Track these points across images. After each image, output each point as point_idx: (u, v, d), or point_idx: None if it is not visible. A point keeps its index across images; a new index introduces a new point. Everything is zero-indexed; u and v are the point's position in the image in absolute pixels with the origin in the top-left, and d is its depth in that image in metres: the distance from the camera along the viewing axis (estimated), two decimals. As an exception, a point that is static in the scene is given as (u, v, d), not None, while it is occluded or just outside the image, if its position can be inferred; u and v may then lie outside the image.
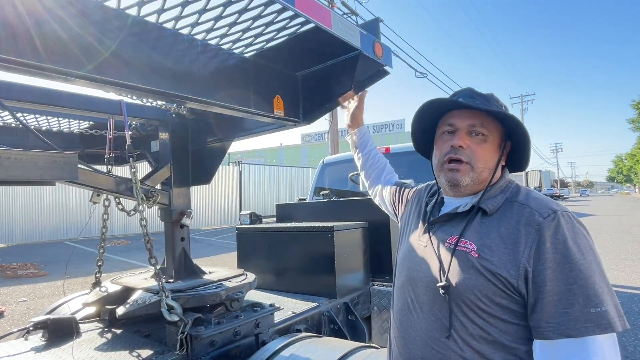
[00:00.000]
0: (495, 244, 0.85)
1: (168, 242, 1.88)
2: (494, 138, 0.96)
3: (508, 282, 0.82)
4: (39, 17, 1.01)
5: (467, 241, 0.89)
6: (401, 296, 1.01)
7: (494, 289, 0.83)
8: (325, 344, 1.55)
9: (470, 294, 0.85)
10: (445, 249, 0.92)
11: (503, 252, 0.83)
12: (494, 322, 0.84)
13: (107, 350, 1.51)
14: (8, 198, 12.09)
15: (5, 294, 6.09)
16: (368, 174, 1.57)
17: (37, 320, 1.61)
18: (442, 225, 0.98)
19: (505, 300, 0.83)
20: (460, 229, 0.92)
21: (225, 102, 1.47)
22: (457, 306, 0.87)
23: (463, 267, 0.87)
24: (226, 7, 1.14)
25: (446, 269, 0.89)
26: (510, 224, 0.86)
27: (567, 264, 0.78)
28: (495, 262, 0.83)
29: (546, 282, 0.79)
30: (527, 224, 0.84)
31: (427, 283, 0.94)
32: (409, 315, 0.97)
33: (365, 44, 1.46)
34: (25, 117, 1.87)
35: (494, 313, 0.83)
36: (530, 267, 0.80)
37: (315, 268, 2.42)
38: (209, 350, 1.50)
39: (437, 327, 0.89)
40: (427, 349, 0.90)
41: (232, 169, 18.73)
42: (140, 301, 1.62)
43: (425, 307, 0.93)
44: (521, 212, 0.87)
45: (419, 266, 0.97)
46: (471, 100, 0.95)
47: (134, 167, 1.63)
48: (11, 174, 1.09)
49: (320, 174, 4.98)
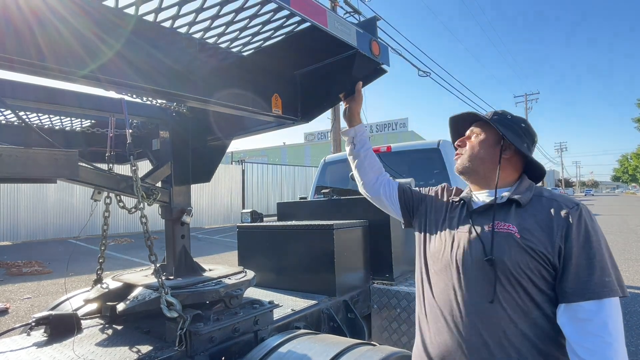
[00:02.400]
0: (533, 228, 1.06)
1: (168, 239, 1.90)
2: (488, 135, 1.23)
3: (546, 257, 1.02)
4: (39, 17, 1.03)
5: (509, 224, 1.09)
6: (443, 278, 1.18)
7: (534, 262, 1.03)
8: (323, 340, 1.56)
9: (515, 266, 1.04)
10: (487, 232, 1.11)
11: (540, 234, 1.05)
12: (530, 289, 1.03)
13: (108, 346, 1.53)
14: (13, 196, 12.20)
15: (10, 291, 6.15)
16: (365, 172, 1.56)
17: (39, 316, 1.63)
18: (479, 215, 1.17)
19: (541, 272, 1.03)
20: (500, 216, 1.12)
21: (224, 101, 1.48)
22: (503, 276, 1.05)
23: (508, 245, 1.06)
24: (222, 6, 1.15)
25: (493, 246, 1.07)
26: (543, 213, 1.08)
27: (588, 243, 1.01)
28: (535, 242, 1.04)
29: (572, 257, 1.00)
30: (558, 213, 1.06)
31: (475, 261, 1.10)
32: (454, 293, 1.13)
33: (362, 43, 1.47)
34: (28, 116, 1.89)
35: (532, 281, 1.03)
36: (563, 245, 1.02)
37: (315, 266, 2.43)
38: (208, 346, 1.52)
39: (484, 295, 1.06)
40: (474, 315, 1.08)
41: (235, 168, 18.79)
42: (140, 298, 1.64)
43: (472, 281, 1.10)
44: (551, 205, 1.09)
45: (466, 249, 1.13)
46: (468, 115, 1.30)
47: (135, 165, 1.65)
48: (13, 171, 1.11)
49: (321, 172, 4.98)
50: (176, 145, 1.97)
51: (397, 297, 2.55)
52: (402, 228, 2.96)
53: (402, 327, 2.51)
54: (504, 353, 1.03)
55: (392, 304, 2.56)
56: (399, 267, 2.78)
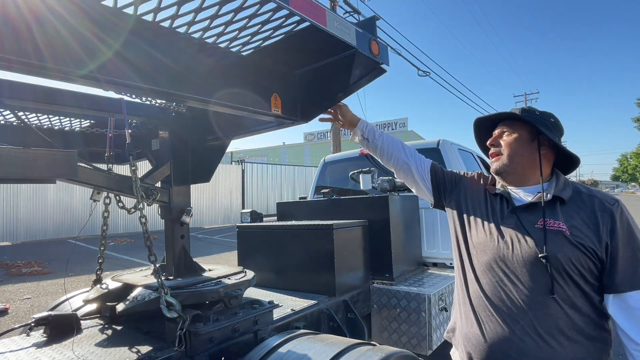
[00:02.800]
0: (580, 224, 1.12)
1: (168, 239, 1.90)
2: (522, 133, 1.25)
3: (594, 252, 1.09)
4: (38, 17, 1.02)
5: (559, 222, 1.13)
6: (490, 272, 1.21)
7: (584, 257, 1.09)
8: (323, 340, 1.56)
9: (567, 261, 1.09)
10: (537, 229, 1.15)
11: (587, 230, 1.11)
12: (580, 282, 1.10)
13: (107, 346, 1.53)
14: (12, 197, 12.19)
15: (9, 291, 6.14)
16: (391, 153, 1.55)
17: (39, 317, 1.63)
18: (523, 211, 1.20)
19: (589, 266, 1.10)
20: (548, 214, 1.16)
21: (223, 101, 1.48)
22: (556, 272, 1.10)
23: (560, 242, 1.11)
24: (222, 5, 1.15)
25: (545, 244, 1.11)
26: (587, 210, 1.14)
27: (632, 237, 1.10)
28: (584, 238, 1.10)
29: (619, 251, 1.08)
30: (602, 210, 1.13)
31: (526, 257, 1.14)
32: (504, 287, 1.17)
33: (361, 42, 1.46)
34: (27, 116, 1.89)
35: (582, 275, 1.10)
36: (609, 240, 1.09)
37: (314, 266, 2.43)
38: (208, 346, 1.52)
39: (540, 291, 1.11)
40: (530, 311, 1.12)
41: (235, 168, 18.77)
42: (139, 298, 1.64)
43: (524, 277, 1.14)
44: (592, 201, 1.15)
45: (516, 245, 1.17)
46: (501, 115, 1.31)
47: (134, 165, 1.65)
48: (11, 171, 1.10)
49: (321, 172, 4.98)
50: (175, 145, 1.97)
51: (397, 297, 2.55)
52: (402, 228, 2.97)
53: (402, 327, 2.51)
54: (555, 341, 1.09)
55: (392, 303, 2.56)
56: (398, 266, 2.78)
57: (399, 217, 2.90)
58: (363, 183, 3.61)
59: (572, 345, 1.08)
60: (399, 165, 1.54)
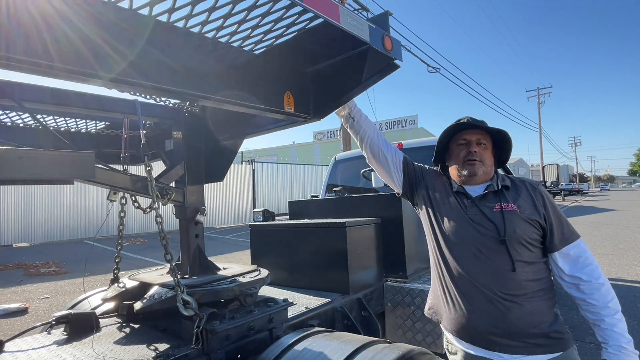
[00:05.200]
0: (524, 204, 1.42)
1: (183, 238, 1.91)
2: (489, 146, 1.54)
3: (538, 223, 1.39)
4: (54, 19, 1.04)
5: (510, 204, 1.42)
6: (463, 249, 1.44)
7: (532, 229, 1.39)
8: (338, 338, 1.56)
9: (523, 234, 1.37)
10: (496, 212, 1.42)
11: (530, 206, 1.42)
12: (533, 249, 1.39)
13: (126, 344, 1.55)
14: (29, 200, 12.47)
15: (29, 291, 6.29)
16: (371, 137, 1.74)
17: (59, 315, 1.66)
18: (480, 200, 1.47)
19: (537, 235, 1.40)
20: (499, 200, 1.44)
21: (236, 100, 1.48)
22: (516, 244, 1.37)
23: (515, 220, 1.39)
24: (235, 4, 1.15)
25: (505, 223, 1.38)
26: (524, 192, 1.46)
27: (554, 206, 1.44)
28: (529, 213, 1.40)
29: (552, 218, 1.41)
30: (533, 190, 1.47)
31: (492, 236, 1.39)
32: (476, 261, 1.41)
33: (374, 38, 1.45)
34: (45, 118, 1.92)
35: (532, 243, 1.39)
36: (544, 212, 1.41)
37: (328, 264, 2.42)
38: (224, 344, 1.53)
39: (504, 263, 1.36)
40: (499, 279, 1.37)
41: (245, 168, 18.88)
42: (156, 296, 1.65)
43: (491, 254, 1.38)
44: (524, 184, 1.50)
45: (481, 226, 1.42)
46: (478, 123, 1.51)
47: (149, 165, 1.66)
48: (32, 172, 1.12)
49: (332, 170, 4.97)
50: (189, 145, 1.98)
51: (412, 295, 2.53)
52: (415, 225, 2.94)
53: (417, 324, 2.49)
54: (522, 299, 1.34)
55: (406, 301, 2.54)
56: (412, 264, 2.75)
57: (412, 215, 2.88)
58: (375, 181, 3.59)
59: (535, 300, 1.35)
60: (375, 152, 1.74)
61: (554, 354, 1.33)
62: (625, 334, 1.33)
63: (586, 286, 1.36)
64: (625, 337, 1.32)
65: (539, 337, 1.33)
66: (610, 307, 1.34)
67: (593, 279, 1.36)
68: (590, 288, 1.36)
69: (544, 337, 1.33)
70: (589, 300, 1.36)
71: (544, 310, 1.35)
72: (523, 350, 1.33)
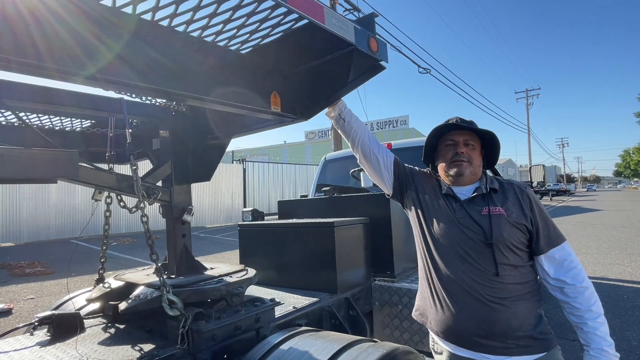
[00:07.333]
0: (511, 207, 1.42)
1: (169, 238, 1.90)
2: (477, 147, 1.54)
3: (525, 227, 1.40)
4: (36, 17, 1.03)
5: (498, 208, 1.42)
6: (451, 251, 1.45)
7: (519, 232, 1.39)
8: (324, 337, 1.57)
9: (509, 238, 1.38)
10: (483, 216, 1.42)
11: (517, 210, 1.42)
12: (519, 253, 1.40)
13: (110, 344, 1.54)
14: (15, 198, 12.24)
15: (13, 291, 6.18)
16: (362, 138, 1.72)
17: (42, 316, 1.64)
18: (468, 203, 1.48)
19: (523, 237, 1.40)
20: (487, 203, 1.44)
21: (223, 99, 1.48)
22: (503, 247, 1.37)
23: (502, 224, 1.39)
24: (220, 4, 1.15)
25: (492, 227, 1.38)
26: (512, 195, 1.46)
27: (541, 210, 1.45)
28: (516, 217, 1.40)
29: (538, 221, 1.42)
30: (520, 193, 1.47)
31: (479, 239, 1.39)
32: (463, 263, 1.41)
33: (360, 39, 1.46)
34: (28, 116, 1.89)
35: (519, 247, 1.39)
36: (531, 215, 1.42)
37: (316, 264, 2.43)
38: (210, 344, 1.52)
39: (491, 266, 1.37)
40: (486, 282, 1.37)
41: (236, 167, 18.79)
42: (142, 297, 1.64)
43: (478, 257, 1.39)
44: (512, 187, 1.49)
45: (469, 229, 1.42)
46: (465, 123, 1.51)
47: (135, 164, 1.65)
48: (13, 171, 1.11)
49: (322, 170, 4.98)
50: (176, 144, 1.97)
51: (399, 294, 2.55)
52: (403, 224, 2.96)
53: (404, 323, 2.51)
54: (509, 302, 1.35)
55: (394, 300, 2.57)
56: (400, 263, 2.78)
57: (401, 215, 2.90)
58: (364, 181, 3.61)
59: (521, 302, 1.36)
60: (367, 154, 1.72)
61: (538, 355, 1.34)
62: (607, 337, 1.34)
63: (570, 289, 1.38)
64: (607, 340, 1.34)
65: (524, 338, 1.34)
66: (593, 311, 1.35)
67: (577, 282, 1.37)
68: (574, 292, 1.37)
69: (529, 338, 1.34)
70: (573, 303, 1.38)
71: (530, 313, 1.36)
72: (508, 352, 1.34)
